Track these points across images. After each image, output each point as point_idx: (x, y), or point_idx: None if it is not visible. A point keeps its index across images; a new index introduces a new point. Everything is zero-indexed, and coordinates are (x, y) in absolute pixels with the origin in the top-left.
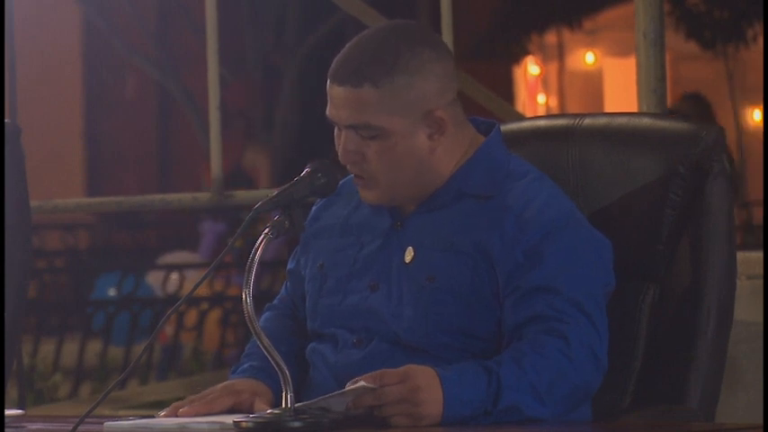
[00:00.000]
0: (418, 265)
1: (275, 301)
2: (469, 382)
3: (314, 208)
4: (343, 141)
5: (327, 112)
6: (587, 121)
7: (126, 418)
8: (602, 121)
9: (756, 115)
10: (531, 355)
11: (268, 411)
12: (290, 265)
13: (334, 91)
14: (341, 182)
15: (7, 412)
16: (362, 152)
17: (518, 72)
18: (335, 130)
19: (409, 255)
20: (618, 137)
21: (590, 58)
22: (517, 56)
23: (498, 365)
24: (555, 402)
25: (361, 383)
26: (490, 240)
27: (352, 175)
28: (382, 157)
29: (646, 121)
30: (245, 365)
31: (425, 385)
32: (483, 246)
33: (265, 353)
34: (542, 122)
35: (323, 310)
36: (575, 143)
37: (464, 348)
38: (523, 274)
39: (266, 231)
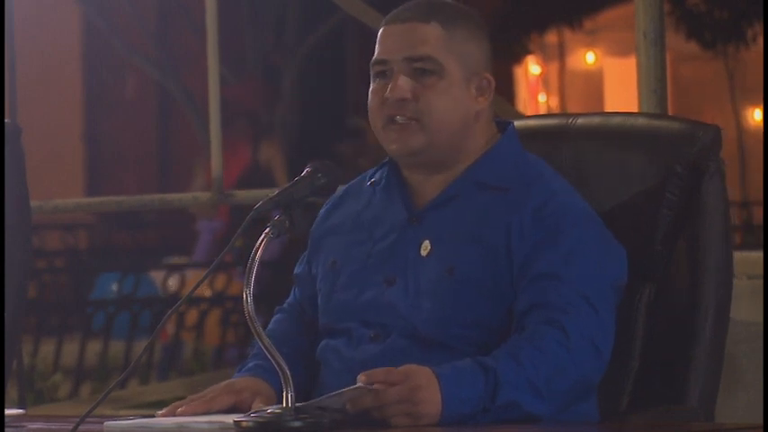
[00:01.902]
0: (436, 257)
1: (284, 305)
2: (467, 380)
3: (322, 210)
4: (393, 82)
5: (378, 54)
6: (581, 120)
7: (126, 417)
8: (596, 120)
9: (756, 115)
10: (529, 350)
11: (268, 410)
12: (297, 270)
13: (393, 30)
14: (348, 185)
15: (7, 412)
16: (414, 92)
17: (519, 71)
18: (375, 83)
19: (425, 248)
20: (613, 137)
21: (590, 57)
22: (518, 55)
23: (496, 361)
24: (554, 397)
25: (359, 384)
26: (508, 233)
27: (359, 178)
28: (435, 97)
29: (642, 120)
30: (251, 364)
31: (424, 385)
32: (502, 238)
33: (265, 352)
34: (535, 122)
35: (337, 305)
36: (569, 143)
37: (481, 341)
38: (532, 263)
39: (267, 231)
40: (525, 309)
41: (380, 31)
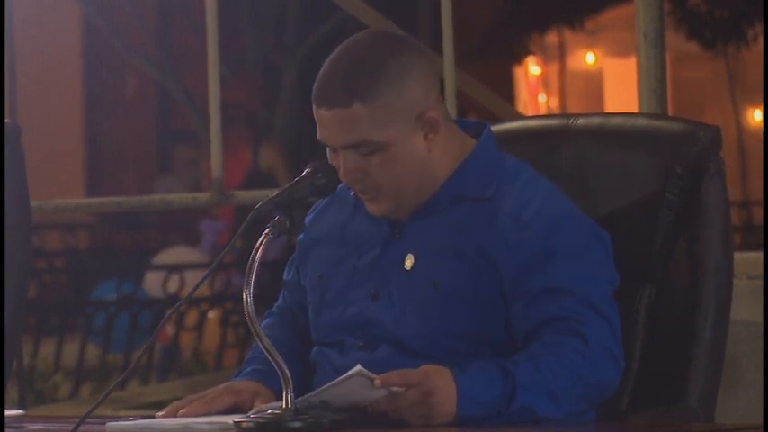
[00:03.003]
0: (420, 271)
1: (274, 309)
2: (484, 383)
3: (307, 219)
4: (342, 162)
5: (319, 135)
6: (581, 121)
7: (127, 418)
8: (596, 121)
9: (756, 115)
10: (548, 357)
11: (268, 411)
12: (286, 276)
13: (322, 115)
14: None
15: (8, 412)
16: (364, 169)
17: (519, 72)
18: (329, 152)
19: (409, 261)
20: (613, 137)
21: (591, 58)
22: (518, 56)
23: (515, 365)
24: (570, 404)
25: (358, 368)
26: (492, 243)
27: (343, 185)
28: (385, 169)
29: (641, 121)
30: (248, 369)
31: (439, 387)
32: (485, 249)
33: (265, 352)
34: (535, 123)
35: (325, 322)
36: (569, 143)
37: (471, 353)
38: (531, 276)
39: (267, 231)
40: (537, 324)
41: (313, 105)
